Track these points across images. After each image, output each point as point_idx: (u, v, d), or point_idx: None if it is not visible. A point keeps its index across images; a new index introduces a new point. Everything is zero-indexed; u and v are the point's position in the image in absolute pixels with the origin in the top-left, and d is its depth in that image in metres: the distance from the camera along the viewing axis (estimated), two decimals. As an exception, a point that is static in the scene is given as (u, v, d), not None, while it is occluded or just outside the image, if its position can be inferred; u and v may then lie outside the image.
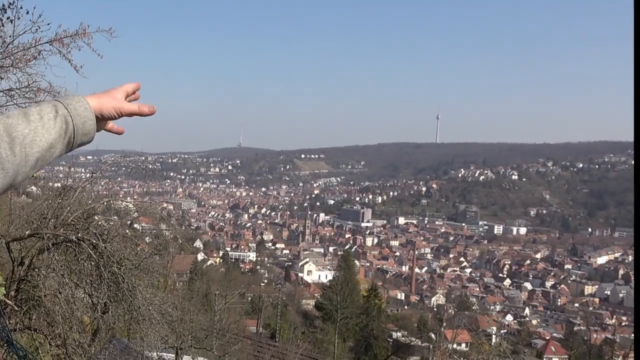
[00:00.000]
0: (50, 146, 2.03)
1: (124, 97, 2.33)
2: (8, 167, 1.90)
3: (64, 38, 13.39)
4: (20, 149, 1.95)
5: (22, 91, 14.19)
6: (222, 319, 42.44)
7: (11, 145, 1.94)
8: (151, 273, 19.47)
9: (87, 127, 2.15)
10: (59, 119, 2.09)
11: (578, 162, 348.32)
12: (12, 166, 1.92)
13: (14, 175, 1.94)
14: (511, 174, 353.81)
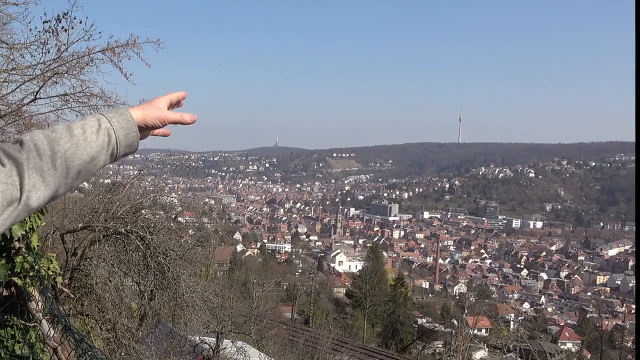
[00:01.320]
0: (92, 159, 2.03)
1: (168, 105, 2.35)
2: (49, 180, 1.90)
3: (116, 48, 13.47)
4: (61, 163, 1.95)
5: (76, 96, 14.25)
6: (260, 305, 42.49)
7: (53, 159, 1.93)
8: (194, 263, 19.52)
9: (130, 139, 2.15)
10: (102, 132, 2.08)
11: (590, 161, 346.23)
12: (53, 179, 1.91)
13: (55, 187, 1.94)
14: (528, 172, 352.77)
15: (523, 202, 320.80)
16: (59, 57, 13.66)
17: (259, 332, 35.30)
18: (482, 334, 67.21)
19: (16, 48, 14.21)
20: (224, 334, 23.90)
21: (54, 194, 1.98)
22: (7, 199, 1.82)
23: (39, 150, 1.94)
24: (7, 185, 1.83)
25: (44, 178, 1.91)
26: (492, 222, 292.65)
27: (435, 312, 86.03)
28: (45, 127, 16.25)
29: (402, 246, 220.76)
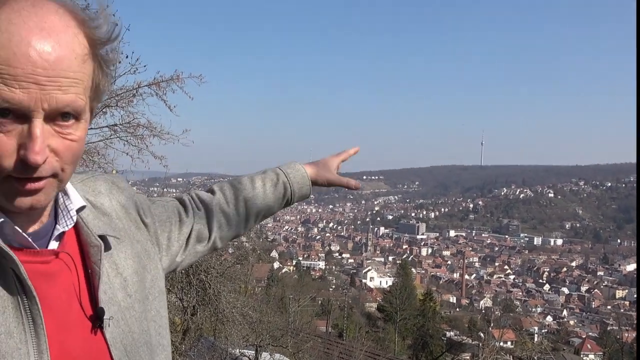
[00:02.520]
0: (268, 208, 2.31)
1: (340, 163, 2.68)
2: (233, 223, 2.21)
3: (161, 82, 13.60)
4: (242, 210, 2.26)
5: (124, 126, 14.37)
6: (296, 320, 42.36)
7: (236, 206, 2.25)
8: (233, 280, 19.55)
9: (303, 191, 2.41)
10: (279, 185, 2.33)
11: (607, 182, 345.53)
12: (235, 222, 2.23)
13: (237, 229, 2.27)
14: (547, 192, 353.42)
15: (543, 221, 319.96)
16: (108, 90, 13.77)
17: (296, 345, 35.16)
18: (507, 346, 66.49)
19: (68, 81, 14.34)
20: (262, 347, 23.88)
21: (236, 234, 2.32)
22: (199, 237, 2.11)
23: (226, 198, 2.26)
24: (201, 225, 2.13)
25: (228, 221, 2.23)
26: (514, 240, 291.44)
27: (463, 326, 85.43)
28: (95, 155, 16.47)
29: (430, 263, 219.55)
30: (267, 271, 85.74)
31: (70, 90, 1.28)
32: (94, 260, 1.53)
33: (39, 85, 1.22)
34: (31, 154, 1.24)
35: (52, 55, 1.25)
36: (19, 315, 1.30)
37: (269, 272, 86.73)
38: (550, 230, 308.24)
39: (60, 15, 1.30)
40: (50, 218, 1.50)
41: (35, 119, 1.25)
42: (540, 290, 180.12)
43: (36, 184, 1.31)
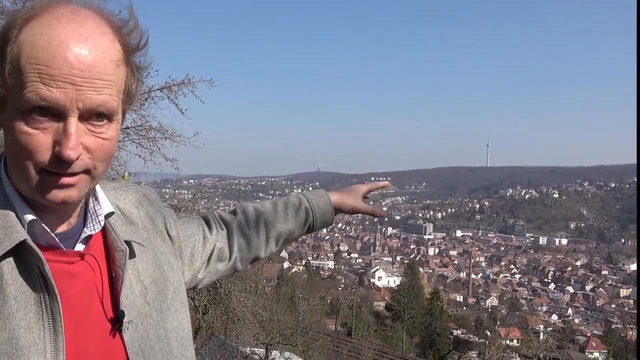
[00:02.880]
0: (289, 232, 2.31)
1: (366, 193, 2.64)
2: (252, 245, 2.21)
3: (173, 86, 13.67)
4: (263, 232, 2.26)
5: (136, 129, 14.44)
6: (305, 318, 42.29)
7: (257, 228, 2.25)
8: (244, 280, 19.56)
9: (325, 218, 2.38)
10: (302, 211, 2.33)
11: (611, 182, 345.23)
12: (255, 245, 2.22)
13: (256, 251, 2.25)
14: (552, 193, 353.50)
15: (548, 221, 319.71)
16: (120, 93, 13.87)
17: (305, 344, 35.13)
18: (513, 344, 66.29)
19: (82, 86, 14.46)
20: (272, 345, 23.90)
21: (256, 257, 2.30)
22: (221, 256, 2.15)
23: (248, 220, 2.27)
24: (223, 244, 2.16)
25: (248, 243, 2.24)
26: (520, 240, 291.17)
27: (470, 324, 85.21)
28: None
29: (437, 262, 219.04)
30: (277, 271, 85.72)
31: (104, 91, 1.34)
32: (118, 264, 1.58)
33: (74, 86, 1.29)
34: (65, 150, 1.30)
35: (89, 58, 1.31)
36: (39, 311, 1.35)
37: (279, 271, 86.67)
38: (555, 230, 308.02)
39: (97, 23, 1.36)
40: (78, 221, 1.56)
41: (70, 118, 1.31)
42: (546, 289, 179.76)
43: (69, 178, 1.37)
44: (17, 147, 1.33)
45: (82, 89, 1.30)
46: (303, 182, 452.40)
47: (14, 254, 1.36)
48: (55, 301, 1.36)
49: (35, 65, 1.28)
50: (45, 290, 1.36)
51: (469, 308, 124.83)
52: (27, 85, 1.28)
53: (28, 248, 1.36)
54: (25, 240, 1.36)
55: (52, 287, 1.36)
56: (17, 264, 1.37)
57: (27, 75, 1.28)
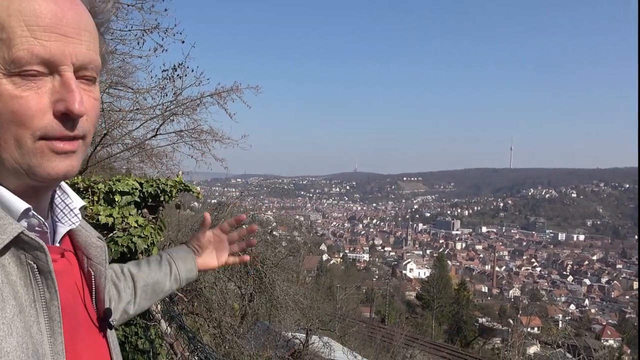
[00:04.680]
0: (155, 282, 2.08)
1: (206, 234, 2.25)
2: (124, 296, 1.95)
3: (222, 93, 13.79)
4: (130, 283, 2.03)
5: (189, 132, 14.66)
6: (343, 306, 42.15)
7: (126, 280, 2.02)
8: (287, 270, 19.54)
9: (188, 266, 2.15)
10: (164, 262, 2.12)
11: (625, 183, 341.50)
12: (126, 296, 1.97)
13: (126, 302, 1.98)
14: (571, 193, 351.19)
15: (567, 218, 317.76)
16: (175, 99, 14.02)
17: (342, 329, 35.05)
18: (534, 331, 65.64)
19: (140, 92, 14.62)
20: (312, 331, 23.83)
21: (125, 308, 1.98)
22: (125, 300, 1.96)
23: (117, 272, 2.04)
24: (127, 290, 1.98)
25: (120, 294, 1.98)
26: (540, 236, 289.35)
27: (494, 313, 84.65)
28: (164, 157, 16.53)
29: (464, 256, 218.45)
30: (317, 262, 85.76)
31: (91, 46, 1.18)
32: (97, 261, 1.40)
33: (66, 38, 1.12)
34: (74, 104, 1.11)
35: (73, 8, 1.16)
36: (34, 312, 1.12)
37: (319, 263, 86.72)
38: (573, 227, 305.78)
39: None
40: (49, 216, 1.34)
41: (67, 72, 1.13)
42: (564, 281, 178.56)
43: (72, 144, 1.17)
44: (7, 116, 1.09)
45: (74, 41, 1.13)
46: (341, 182, 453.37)
47: (5, 250, 1.10)
48: (55, 299, 1.16)
49: (20, 17, 1.08)
50: (45, 288, 1.14)
51: (493, 298, 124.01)
52: (16, 42, 1.07)
53: (22, 242, 1.12)
54: (21, 234, 1.11)
55: (53, 284, 1.16)
56: (5, 261, 1.11)
57: (13, 30, 1.08)
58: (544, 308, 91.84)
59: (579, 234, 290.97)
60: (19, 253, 1.12)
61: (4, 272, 1.09)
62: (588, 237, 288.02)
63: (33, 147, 1.12)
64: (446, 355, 47.58)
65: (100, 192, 6.60)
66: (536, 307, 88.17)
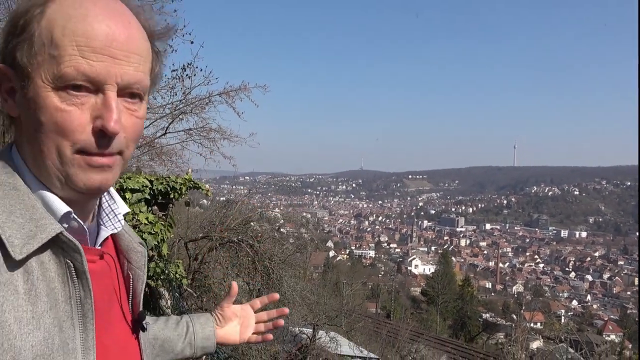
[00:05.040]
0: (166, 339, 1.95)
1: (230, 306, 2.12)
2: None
3: (230, 92, 13.84)
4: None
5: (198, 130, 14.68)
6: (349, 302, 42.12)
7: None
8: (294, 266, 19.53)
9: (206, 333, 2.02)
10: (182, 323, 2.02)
11: (627, 181, 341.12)
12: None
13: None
14: (573, 190, 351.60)
15: (569, 216, 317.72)
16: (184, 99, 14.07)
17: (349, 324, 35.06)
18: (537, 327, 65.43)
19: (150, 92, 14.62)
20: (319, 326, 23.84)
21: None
22: None
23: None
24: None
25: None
26: (543, 232, 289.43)
27: (497, 308, 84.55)
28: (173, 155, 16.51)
29: (468, 252, 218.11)
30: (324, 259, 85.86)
31: (139, 68, 1.23)
32: (137, 265, 1.46)
33: (114, 59, 1.17)
34: (110, 122, 1.16)
35: (126, 32, 1.20)
36: (69, 309, 1.19)
37: (325, 259, 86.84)
38: (575, 224, 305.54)
39: (123, 3, 1.26)
40: (95, 219, 1.39)
41: (109, 92, 1.18)
42: (567, 278, 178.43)
43: (107, 159, 1.22)
44: (50, 126, 1.16)
45: (121, 63, 1.18)
46: (347, 180, 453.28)
47: (42, 247, 1.16)
48: (89, 297, 1.21)
49: (73, 38, 1.14)
50: (80, 286, 1.21)
51: (496, 294, 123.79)
52: (65, 59, 1.14)
53: (61, 241, 1.18)
54: (59, 234, 1.17)
55: (87, 283, 1.21)
56: (45, 258, 1.17)
57: (65, 48, 1.14)
58: (546, 304, 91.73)
59: (581, 231, 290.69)
60: (57, 252, 1.18)
61: (42, 268, 1.15)
62: (590, 234, 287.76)
63: (71, 158, 1.18)
64: (450, 350, 47.58)
65: (111, 190, 6.59)
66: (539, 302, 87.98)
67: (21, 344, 1.07)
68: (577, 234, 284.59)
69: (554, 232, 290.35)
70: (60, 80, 1.14)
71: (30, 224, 1.15)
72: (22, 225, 1.14)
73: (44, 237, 1.14)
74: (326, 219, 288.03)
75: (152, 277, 6.86)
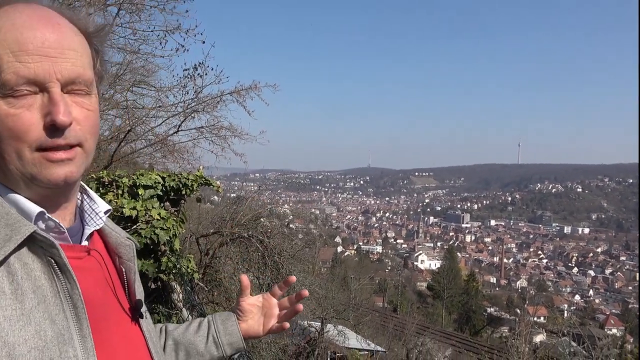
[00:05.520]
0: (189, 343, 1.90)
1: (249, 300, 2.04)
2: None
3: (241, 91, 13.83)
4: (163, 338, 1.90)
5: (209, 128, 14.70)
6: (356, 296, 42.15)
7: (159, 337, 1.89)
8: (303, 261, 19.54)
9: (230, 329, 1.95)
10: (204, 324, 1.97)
11: (629, 178, 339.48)
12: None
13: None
14: (576, 188, 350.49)
15: (573, 212, 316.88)
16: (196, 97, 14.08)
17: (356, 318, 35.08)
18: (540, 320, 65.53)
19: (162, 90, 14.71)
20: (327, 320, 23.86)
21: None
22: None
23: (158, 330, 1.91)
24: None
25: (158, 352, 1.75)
26: (547, 229, 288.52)
27: (502, 303, 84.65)
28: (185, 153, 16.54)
29: (473, 248, 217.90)
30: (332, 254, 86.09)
31: (77, 62, 1.24)
32: (126, 257, 1.49)
33: (50, 58, 1.19)
34: (58, 115, 1.18)
35: (56, 33, 1.22)
36: (59, 303, 1.20)
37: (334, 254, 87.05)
38: (578, 220, 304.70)
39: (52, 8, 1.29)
40: (77, 220, 1.41)
41: (53, 89, 1.20)
42: (570, 273, 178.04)
43: (67, 152, 1.24)
44: (5, 132, 1.19)
45: (58, 60, 1.20)
46: (355, 177, 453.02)
47: (22, 249, 1.19)
48: (75, 287, 1.23)
49: (6, 47, 1.16)
50: (65, 279, 1.22)
51: (501, 288, 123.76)
52: (3, 68, 1.16)
53: (38, 240, 1.20)
54: (34, 233, 1.19)
55: (71, 275, 1.23)
56: (27, 259, 1.19)
57: (1, 57, 1.16)
58: (550, 298, 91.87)
59: (584, 227, 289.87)
60: (38, 251, 1.21)
61: (27, 268, 1.18)
62: (593, 230, 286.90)
63: (31, 158, 1.20)
64: (456, 343, 47.55)
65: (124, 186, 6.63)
66: (542, 297, 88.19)
67: (14, 339, 1.09)
68: (580, 230, 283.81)
69: (557, 228, 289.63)
70: (4, 88, 1.16)
71: (5, 229, 1.16)
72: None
73: (18, 238, 1.16)
74: (334, 215, 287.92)
75: (164, 272, 6.87)
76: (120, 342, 1.34)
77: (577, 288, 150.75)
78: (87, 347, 1.22)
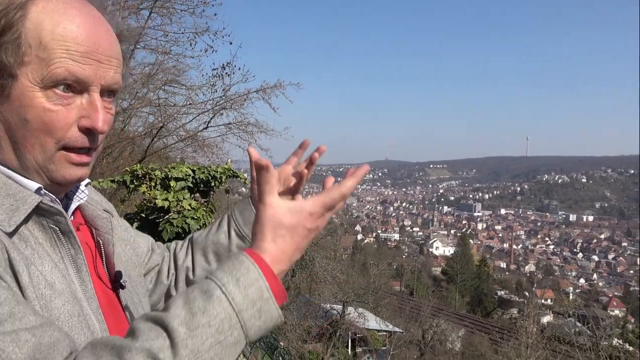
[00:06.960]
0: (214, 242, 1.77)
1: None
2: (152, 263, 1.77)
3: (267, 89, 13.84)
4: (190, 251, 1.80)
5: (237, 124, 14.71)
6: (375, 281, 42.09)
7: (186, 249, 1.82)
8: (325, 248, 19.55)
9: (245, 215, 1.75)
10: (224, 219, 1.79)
11: (630, 169, 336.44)
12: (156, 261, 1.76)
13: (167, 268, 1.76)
14: (581, 178, 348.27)
15: (577, 201, 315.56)
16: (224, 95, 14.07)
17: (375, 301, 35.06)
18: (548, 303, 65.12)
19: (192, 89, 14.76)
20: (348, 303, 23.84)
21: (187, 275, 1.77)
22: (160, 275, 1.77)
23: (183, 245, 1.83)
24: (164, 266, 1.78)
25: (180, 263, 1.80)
26: (554, 217, 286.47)
27: (511, 286, 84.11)
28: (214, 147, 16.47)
29: (485, 235, 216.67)
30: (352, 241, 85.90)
31: (118, 70, 1.24)
32: (105, 230, 1.43)
33: (99, 63, 1.18)
34: (98, 123, 1.18)
35: (108, 40, 1.22)
36: (64, 267, 1.20)
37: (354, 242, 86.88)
38: (583, 209, 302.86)
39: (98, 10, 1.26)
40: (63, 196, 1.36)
41: (94, 93, 1.19)
42: (575, 258, 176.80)
43: (88, 156, 1.24)
44: (37, 125, 1.14)
45: (105, 66, 1.19)
46: (374, 169, 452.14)
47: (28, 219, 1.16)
48: (80, 253, 1.23)
49: (62, 42, 1.13)
50: (69, 244, 1.21)
51: (510, 273, 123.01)
52: (55, 62, 1.12)
53: (42, 210, 1.17)
54: (40, 203, 1.16)
55: (76, 240, 1.23)
56: (31, 228, 1.17)
57: (54, 51, 1.12)
58: (556, 282, 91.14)
59: (588, 215, 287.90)
60: (40, 220, 1.19)
61: (33, 236, 1.16)
62: (596, 218, 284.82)
63: (53, 155, 1.18)
64: (468, 324, 47.46)
65: (157, 178, 6.61)
66: (549, 281, 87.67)
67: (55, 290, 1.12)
68: (585, 218, 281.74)
69: (563, 216, 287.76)
70: (49, 80, 1.13)
71: (9, 199, 1.13)
72: (1, 202, 1.12)
73: (27, 207, 1.14)
74: (354, 205, 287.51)
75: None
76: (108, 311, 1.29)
77: (581, 272, 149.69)
78: (93, 308, 1.22)
